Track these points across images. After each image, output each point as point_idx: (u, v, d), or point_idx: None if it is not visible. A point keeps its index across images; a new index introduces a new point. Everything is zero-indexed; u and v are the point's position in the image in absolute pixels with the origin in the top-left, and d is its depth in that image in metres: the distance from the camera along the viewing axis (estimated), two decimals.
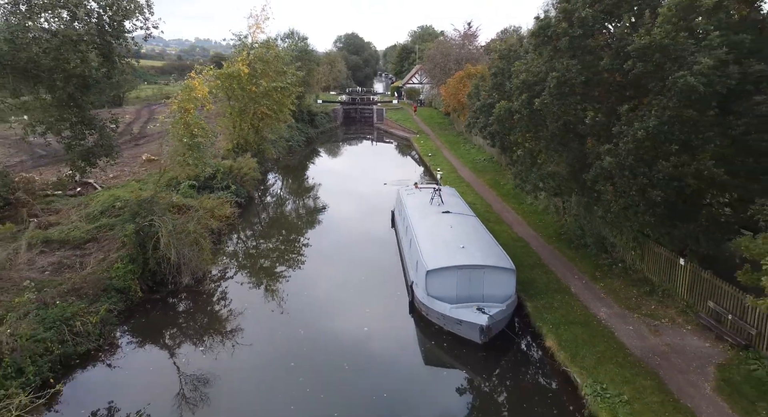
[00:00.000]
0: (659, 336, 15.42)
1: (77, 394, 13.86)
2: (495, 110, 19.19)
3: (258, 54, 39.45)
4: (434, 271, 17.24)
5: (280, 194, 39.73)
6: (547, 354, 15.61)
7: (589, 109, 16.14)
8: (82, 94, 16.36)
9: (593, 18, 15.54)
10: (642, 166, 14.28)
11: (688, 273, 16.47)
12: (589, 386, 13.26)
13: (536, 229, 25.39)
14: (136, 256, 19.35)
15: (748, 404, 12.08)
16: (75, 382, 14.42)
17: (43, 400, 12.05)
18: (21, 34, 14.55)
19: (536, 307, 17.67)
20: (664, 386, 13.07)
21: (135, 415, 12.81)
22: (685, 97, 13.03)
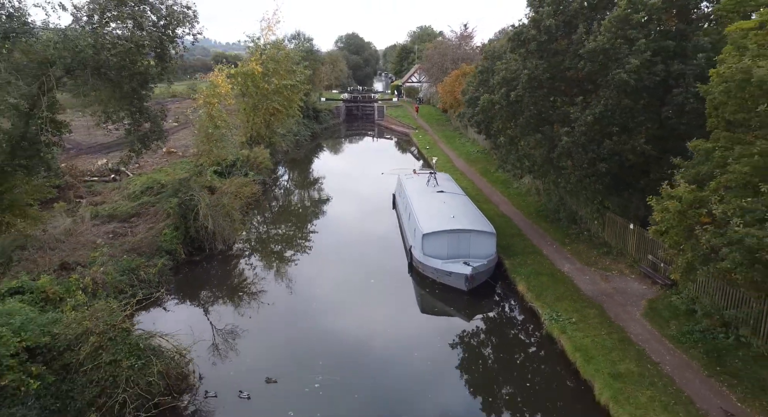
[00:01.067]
0: (608, 283, 19.24)
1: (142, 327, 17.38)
2: (480, 102, 22.99)
3: (270, 54, 43.20)
4: (429, 234, 21.06)
5: (291, 180, 43.56)
6: (518, 296, 19.46)
7: (554, 100, 19.94)
8: (141, 89, 20.16)
9: (556, 27, 19.33)
10: (592, 144, 18.09)
11: (635, 234, 20.26)
12: (547, 315, 17.07)
13: (519, 208, 29.20)
14: (179, 225, 23.14)
15: (663, 322, 15.90)
16: (138, 318, 18.05)
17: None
18: (101, 39, 18.31)
19: (512, 264, 21.49)
20: (605, 313, 16.89)
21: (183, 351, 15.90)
22: (622, 89, 16.83)
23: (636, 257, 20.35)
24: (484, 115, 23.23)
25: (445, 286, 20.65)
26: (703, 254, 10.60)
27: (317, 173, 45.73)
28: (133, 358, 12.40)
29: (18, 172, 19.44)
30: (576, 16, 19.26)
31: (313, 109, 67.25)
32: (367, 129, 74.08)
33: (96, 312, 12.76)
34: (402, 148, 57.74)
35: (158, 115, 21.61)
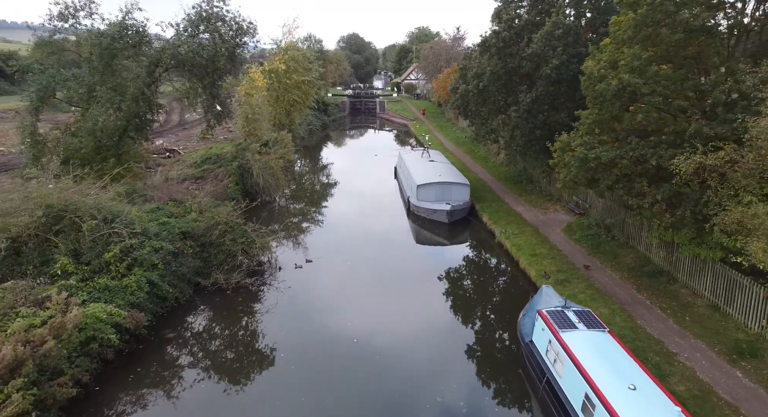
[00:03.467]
0: (545, 216, 27.75)
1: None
2: (458, 91, 31.46)
3: (291, 55, 51.62)
4: (421, 185, 29.57)
5: (310, 158, 52.06)
6: (483, 224, 28.03)
7: (508, 88, 28.42)
8: (218, 81, 28.61)
9: (509, 37, 27.77)
10: (531, 118, 26.55)
11: None
12: (500, 231, 25.59)
13: (492, 175, 37.71)
14: (239, 181, 31.56)
15: (572, 232, 24.45)
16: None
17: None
18: (193, 47, 26.74)
19: (482, 207, 30.00)
20: (537, 231, 25.39)
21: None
22: (548, 81, 25.27)
23: (566, 200, 28.85)
24: (462, 101, 31.75)
25: (432, 221, 29.16)
26: (568, 171, 18.98)
27: (330, 153, 54.21)
28: (243, 239, 20.86)
29: (130, 140, 27.97)
30: (522, 30, 27.73)
31: (323, 102, 75.61)
32: (369, 122, 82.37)
33: (219, 213, 21.23)
34: (401, 136, 66.20)
35: (226, 100, 30.05)
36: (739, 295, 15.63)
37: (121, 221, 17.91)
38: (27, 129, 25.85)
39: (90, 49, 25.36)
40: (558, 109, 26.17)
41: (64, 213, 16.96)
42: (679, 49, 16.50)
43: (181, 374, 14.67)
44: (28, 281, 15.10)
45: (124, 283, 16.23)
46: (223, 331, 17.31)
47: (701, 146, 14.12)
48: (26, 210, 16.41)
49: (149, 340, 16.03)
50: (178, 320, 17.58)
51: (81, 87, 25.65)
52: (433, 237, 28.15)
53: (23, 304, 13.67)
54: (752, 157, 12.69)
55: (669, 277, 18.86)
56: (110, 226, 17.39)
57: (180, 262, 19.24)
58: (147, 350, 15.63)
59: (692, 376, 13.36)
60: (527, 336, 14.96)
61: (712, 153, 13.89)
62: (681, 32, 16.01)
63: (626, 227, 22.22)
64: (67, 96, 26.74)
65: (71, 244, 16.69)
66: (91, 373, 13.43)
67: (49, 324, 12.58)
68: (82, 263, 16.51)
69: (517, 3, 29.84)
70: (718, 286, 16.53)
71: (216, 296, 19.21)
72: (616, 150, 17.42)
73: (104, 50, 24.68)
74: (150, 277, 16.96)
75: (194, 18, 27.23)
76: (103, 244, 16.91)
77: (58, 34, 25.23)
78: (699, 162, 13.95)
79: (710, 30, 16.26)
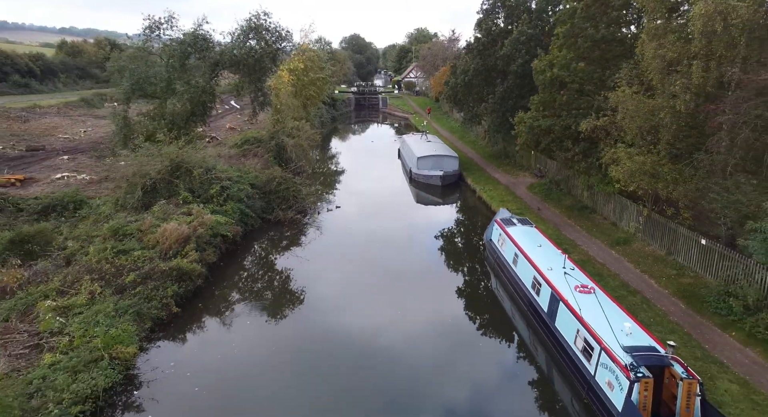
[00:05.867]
0: (516, 179, 36.20)
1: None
2: (449, 84, 39.85)
3: (308, 55, 59.93)
4: (421, 157, 38.05)
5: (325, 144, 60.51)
6: (468, 186, 36.49)
7: (487, 82, 36.83)
8: (263, 77, 36.96)
9: (488, 42, 36.14)
10: (503, 104, 34.94)
11: (534, 155, 37.11)
12: (479, 189, 34.04)
13: (479, 154, 46.18)
14: (276, 155, 39.95)
15: (532, 189, 32.94)
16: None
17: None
18: (244, 50, 35.11)
19: (467, 174, 38.49)
20: (508, 188, 33.83)
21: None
22: (515, 75, 33.64)
23: (533, 168, 37.28)
24: (452, 92, 40.19)
25: (429, 185, 37.62)
26: (521, 137, 27.30)
27: (343, 140, 62.61)
28: (293, 188, 29.23)
29: (195, 123, 36.40)
30: (498, 37, 36.14)
31: (332, 98, 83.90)
32: (373, 116, 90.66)
33: (275, 170, 29.63)
34: (401, 126, 74.62)
35: (266, 92, 38.50)
36: (625, 214, 24.07)
37: (215, 171, 26.31)
38: (120, 115, 34.24)
39: (170, 52, 33.76)
40: (523, 97, 34.52)
41: (181, 164, 25.34)
42: (590, 52, 24.90)
43: (264, 260, 23.10)
44: (168, 204, 23.52)
45: (224, 208, 24.61)
46: (281, 242, 25.76)
47: (594, 114, 22.54)
48: (159, 161, 24.80)
49: (243, 244, 24.47)
50: (257, 235, 25.99)
51: (161, 82, 34.01)
52: (429, 197, 36.59)
53: (174, 213, 22.09)
54: (620, 117, 21.08)
55: (590, 209, 27.30)
56: (211, 173, 25.79)
57: (253, 201, 27.63)
58: (242, 250, 24.04)
59: (585, 253, 21.84)
60: (488, 237, 23.41)
61: (603, 118, 22.30)
62: (590, 41, 24.41)
63: (568, 181, 30.63)
64: (151, 90, 35.10)
65: (187, 184, 25.06)
66: (216, 255, 21.84)
67: (197, 220, 21.00)
68: (195, 196, 24.88)
69: (495, 15, 38.26)
70: (615, 209, 24.96)
71: (277, 227, 27.64)
72: (551, 121, 25.87)
73: (181, 53, 33.09)
74: (240, 207, 25.35)
75: (246, 28, 35.65)
76: (207, 183, 25.30)
77: (149, 42, 33.65)
78: (593, 124, 22.35)
79: (609, 39, 24.65)
